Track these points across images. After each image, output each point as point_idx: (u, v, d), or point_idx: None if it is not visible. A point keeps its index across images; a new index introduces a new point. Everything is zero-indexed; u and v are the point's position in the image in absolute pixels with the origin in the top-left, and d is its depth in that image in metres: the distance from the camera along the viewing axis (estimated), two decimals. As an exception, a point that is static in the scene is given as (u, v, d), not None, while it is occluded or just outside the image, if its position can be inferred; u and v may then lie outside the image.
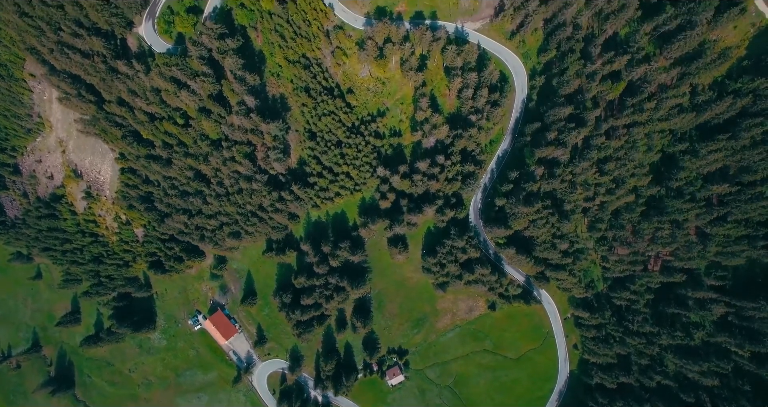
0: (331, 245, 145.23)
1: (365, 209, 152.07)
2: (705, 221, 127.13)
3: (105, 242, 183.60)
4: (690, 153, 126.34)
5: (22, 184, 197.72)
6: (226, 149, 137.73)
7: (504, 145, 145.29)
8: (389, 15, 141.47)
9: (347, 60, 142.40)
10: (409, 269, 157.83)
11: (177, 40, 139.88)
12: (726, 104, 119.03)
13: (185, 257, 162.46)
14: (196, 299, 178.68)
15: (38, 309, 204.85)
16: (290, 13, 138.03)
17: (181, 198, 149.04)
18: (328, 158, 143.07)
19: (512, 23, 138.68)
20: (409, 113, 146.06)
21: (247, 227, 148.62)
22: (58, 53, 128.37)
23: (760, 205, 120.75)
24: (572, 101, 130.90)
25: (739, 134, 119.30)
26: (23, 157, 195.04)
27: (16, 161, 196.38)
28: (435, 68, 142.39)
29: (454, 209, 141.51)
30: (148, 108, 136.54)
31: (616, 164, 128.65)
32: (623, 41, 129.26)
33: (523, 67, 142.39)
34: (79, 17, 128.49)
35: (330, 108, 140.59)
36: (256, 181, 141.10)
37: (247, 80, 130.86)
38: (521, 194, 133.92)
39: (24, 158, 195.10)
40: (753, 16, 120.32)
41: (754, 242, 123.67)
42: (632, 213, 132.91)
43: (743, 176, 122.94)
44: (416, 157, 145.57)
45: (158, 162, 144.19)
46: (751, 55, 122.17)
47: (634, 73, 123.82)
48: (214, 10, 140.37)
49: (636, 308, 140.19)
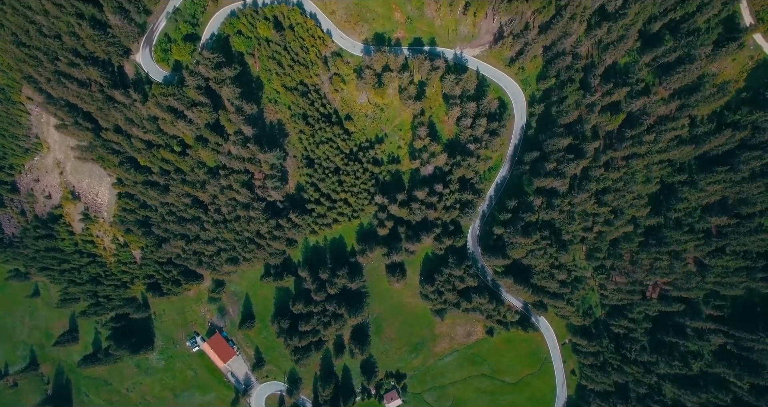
0: (328, 272, 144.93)
1: (363, 235, 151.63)
2: (703, 253, 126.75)
3: (103, 263, 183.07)
4: (689, 184, 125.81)
5: (20, 202, 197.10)
6: (224, 177, 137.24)
7: (503, 172, 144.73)
8: (388, 41, 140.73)
9: (345, 87, 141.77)
10: (407, 293, 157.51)
11: (174, 67, 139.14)
12: (725, 137, 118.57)
13: (183, 281, 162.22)
14: (194, 320, 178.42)
15: (36, 327, 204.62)
16: (288, 40, 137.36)
17: (178, 224, 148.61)
18: (326, 186, 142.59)
19: (511, 50, 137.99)
20: (408, 139, 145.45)
21: (245, 254, 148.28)
22: (55, 83, 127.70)
23: (758, 237, 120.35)
24: (571, 131, 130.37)
25: (738, 166, 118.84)
26: (21, 175, 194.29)
27: (13, 179, 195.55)
28: (434, 95, 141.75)
29: (452, 237, 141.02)
30: (145, 136, 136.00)
31: (615, 196, 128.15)
32: (623, 71, 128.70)
33: (522, 93, 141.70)
34: (75, 47, 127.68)
35: (328, 135, 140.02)
36: (254, 209, 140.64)
37: (245, 110, 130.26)
38: (519, 224, 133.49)
39: (22, 176, 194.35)
40: (751, 49, 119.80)
41: (752, 274, 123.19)
42: (631, 243, 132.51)
43: (742, 207, 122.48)
44: (414, 183, 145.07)
45: (155, 189, 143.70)
46: (750, 87, 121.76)
47: (633, 104, 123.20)
48: (212, 37, 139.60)
49: (634, 336, 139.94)
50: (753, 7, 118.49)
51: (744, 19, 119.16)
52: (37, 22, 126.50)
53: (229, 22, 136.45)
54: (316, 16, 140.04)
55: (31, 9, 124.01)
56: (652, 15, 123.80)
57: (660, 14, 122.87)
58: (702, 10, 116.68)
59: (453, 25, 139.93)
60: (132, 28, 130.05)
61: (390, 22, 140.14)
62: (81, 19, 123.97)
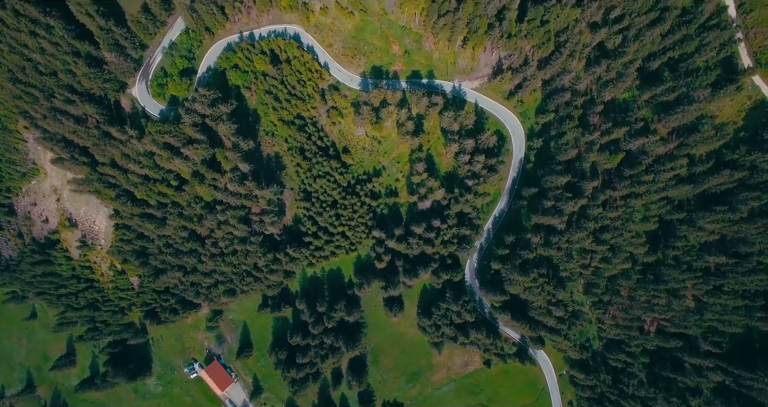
0: (326, 305, 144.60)
1: (361, 267, 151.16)
2: (702, 291, 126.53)
3: (100, 288, 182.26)
4: (687, 223, 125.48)
5: (17, 225, 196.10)
6: (220, 212, 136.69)
7: (501, 205, 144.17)
8: (385, 74, 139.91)
9: (342, 120, 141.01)
10: (405, 324, 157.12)
11: (170, 101, 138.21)
12: (724, 177, 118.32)
13: (180, 310, 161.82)
14: (192, 347, 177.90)
15: (33, 349, 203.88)
16: (285, 73, 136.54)
17: (175, 256, 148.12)
18: (324, 219, 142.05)
19: (510, 84, 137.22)
20: (406, 171, 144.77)
21: (243, 286, 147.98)
22: (51, 119, 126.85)
23: (757, 277, 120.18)
24: (570, 168, 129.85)
25: (737, 206, 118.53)
26: (18, 198, 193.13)
27: (10, 202, 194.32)
28: (432, 128, 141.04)
29: (450, 271, 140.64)
30: (141, 171, 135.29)
31: (613, 234, 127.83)
32: (622, 107, 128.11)
33: (521, 126, 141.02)
34: (71, 83, 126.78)
35: (325, 169, 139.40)
36: (251, 243, 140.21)
37: (241, 147, 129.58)
38: (517, 261, 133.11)
39: (19, 198, 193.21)
40: (749, 89, 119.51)
41: (751, 313, 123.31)
42: (629, 280, 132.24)
43: (740, 247, 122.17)
44: (412, 216, 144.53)
45: (152, 221, 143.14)
46: (748, 126, 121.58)
47: (632, 144, 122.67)
48: (208, 70, 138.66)
49: (632, 371, 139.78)
50: (751, 48, 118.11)
51: (742, 60, 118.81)
52: (34, 59, 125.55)
53: (225, 56, 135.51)
54: (313, 48, 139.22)
55: (27, 47, 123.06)
56: (651, 53, 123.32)
57: (659, 52, 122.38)
58: (701, 51, 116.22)
59: (451, 58, 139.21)
60: (128, 63, 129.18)
61: (388, 55, 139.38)
62: (77, 57, 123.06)
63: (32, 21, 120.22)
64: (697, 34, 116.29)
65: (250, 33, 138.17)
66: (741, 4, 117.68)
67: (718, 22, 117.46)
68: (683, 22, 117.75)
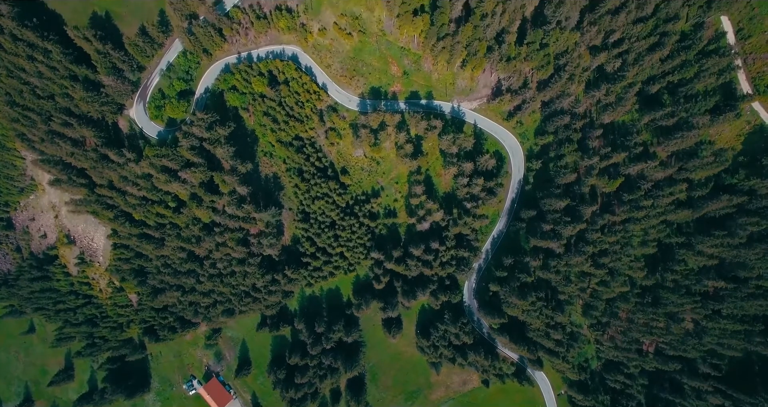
0: (324, 326, 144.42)
1: (359, 286, 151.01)
2: (700, 316, 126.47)
3: (99, 304, 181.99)
4: (686, 247, 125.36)
5: (15, 239, 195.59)
6: (218, 234, 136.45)
7: (500, 225, 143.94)
8: (384, 95, 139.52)
9: (341, 141, 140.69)
10: (404, 342, 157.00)
11: (168, 123, 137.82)
12: (722, 203, 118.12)
13: (179, 328, 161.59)
14: (191, 363, 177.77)
15: (31, 363, 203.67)
16: (283, 95, 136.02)
17: (174, 276, 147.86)
18: (322, 240, 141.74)
19: (510, 105, 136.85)
20: (404, 192, 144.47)
21: (241, 307, 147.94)
22: (49, 143, 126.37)
23: (756, 303, 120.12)
24: (569, 192, 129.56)
25: (736, 231, 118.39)
26: (16, 212, 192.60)
27: (9, 216, 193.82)
28: (431, 149, 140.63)
29: (449, 292, 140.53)
30: (139, 193, 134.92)
31: (612, 258, 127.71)
32: (621, 131, 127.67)
33: (520, 147, 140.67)
34: (69, 106, 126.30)
35: (323, 191, 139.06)
36: (249, 264, 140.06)
37: (239, 170, 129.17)
38: (515, 284, 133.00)
39: (17, 213, 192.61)
40: (748, 114, 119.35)
41: (750, 337, 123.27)
42: (627, 303, 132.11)
43: (739, 271, 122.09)
44: (411, 236, 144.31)
45: (151, 242, 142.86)
46: (747, 150, 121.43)
47: (631, 168, 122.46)
48: (206, 91, 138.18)
49: (630, 392, 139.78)
50: (749, 74, 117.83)
51: (741, 85, 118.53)
52: (31, 83, 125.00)
53: (223, 78, 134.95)
54: (311, 69, 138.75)
55: (25, 71, 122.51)
56: (651, 76, 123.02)
57: (659, 76, 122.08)
58: (700, 76, 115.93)
59: (450, 79, 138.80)
60: (126, 86, 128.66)
61: (386, 76, 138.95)
62: (74, 81, 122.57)
63: (30, 45, 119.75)
64: (696, 60, 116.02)
65: (248, 53, 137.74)
66: (739, 30, 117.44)
67: (716, 47, 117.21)
68: (682, 48, 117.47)
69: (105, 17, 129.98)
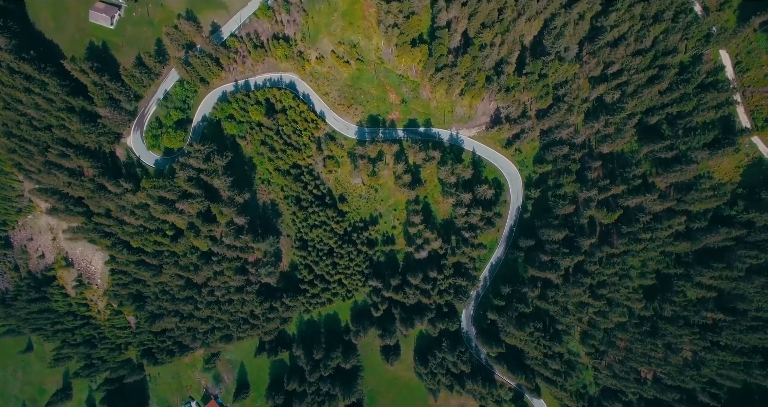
0: (322, 352, 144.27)
1: (358, 312, 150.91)
2: (699, 347, 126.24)
3: (97, 325, 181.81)
4: (685, 278, 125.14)
5: (13, 257, 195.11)
6: (216, 263, 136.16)
7: (498, 252, 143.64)
8: (382, 123, 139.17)
9: (339, 169, 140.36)
10: (402, 367, 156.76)
11: (166, 151, 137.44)
12: (721, 236, 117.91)
13: (177, 352, 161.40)
14: (189, 385, 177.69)
15: (29, 382, 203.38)
16: (280, 123, 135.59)
17: (171, 302, 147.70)
18: (320, 268, 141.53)
19: (508, 133, 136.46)
20: (403, 218, 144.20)
21: (239, 333, 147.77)
22: (45, 173, 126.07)
23: (755, 336, 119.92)
24: (567, 222, 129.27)
25: (735, 264, 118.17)
26: (14, 231, 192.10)
27: (7, 234, 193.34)
28: (429, 176, 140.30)
29: (447, 320, 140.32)
30: (137, 222, 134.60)
31: (610, 289, 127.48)
32: (620, 162, 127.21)
33: (519, 174, 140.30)
34: (66, 137, 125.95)
35: (321, 219, 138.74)
36: (248, 292, 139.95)
37: (236, 201, 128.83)
38: (513, 314, 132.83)
39: (15, 231, 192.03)
40: (746, 146, 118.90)
41: (750, 369, 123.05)
42: (625, 333, 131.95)
43: (738, 303, 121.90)
44: (409, 263, 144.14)
45: (149, 269, 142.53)
46: (746, 182, 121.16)
47: (630, 201, 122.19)
48: (203, 119, 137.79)
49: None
50: (747, 107, 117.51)
51: (740, 118, 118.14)
52: (28, 114, 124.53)
53: (220, 107, 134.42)
54: (309, 96, 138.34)
55: (21, 103, 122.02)
56: (650, 107, 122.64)
57: (658, 107, 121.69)
58: (699, 110, 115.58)
59: (449, 107, 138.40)
60: (123, 116, 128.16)
61: (385, 104, 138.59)
62: (71, 112, 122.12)
63: (27, 78, 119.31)
64: (695, 93, 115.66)
65: (246, 81, 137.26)
66: (738, 63, 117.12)
67: (715, 80, 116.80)
68: (681, 81, 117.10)
69: (102, 47, 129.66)
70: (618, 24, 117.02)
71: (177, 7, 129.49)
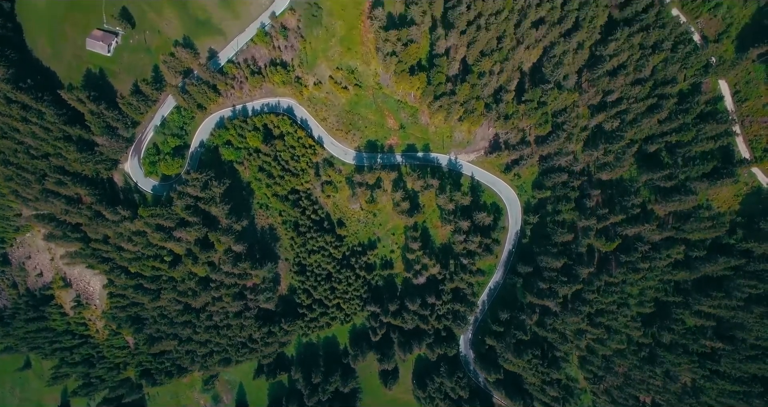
0: (321, 376, 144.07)
1: (356, 335, 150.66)
2: (698, 375, 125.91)
3: (95, 344, 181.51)
4: (683, 306, 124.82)
5: (11, 275, 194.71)
6: (214, 289, 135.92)
7: (497, 277, 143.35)
8: (380, 148, 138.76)
9: (337, 194, 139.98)
10: (400, 389, 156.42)
11: (163, 178, 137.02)
12: (719, 266, 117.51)
13: (176, 373, 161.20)
14: (188, 405, 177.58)
15: (26, 399, 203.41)
16: (278, 149, 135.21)
17: (170, 326, 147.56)
18: (319, 293, 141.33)
19: (507, 158, 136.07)
20: (401, 242, 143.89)
21: (238, 357, 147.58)
22: (43, 201, 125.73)
23: (755, 365, 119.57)
24: (566, 250, 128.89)
25: (733, 293, 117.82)
26: (12, 248, 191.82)
27: (5, 251, 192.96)
28: (428, 201, 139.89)
29: (445, 345, 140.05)
30: (135, 248, 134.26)
31: (608, 318, 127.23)
32: (619, 189, 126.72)
33: (518, 199, 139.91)
34: (63, 165, 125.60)
35: (320, 244, 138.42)
36: (246, 317, 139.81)
37: (234, 228, 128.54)
38: (511, 341, 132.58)
39: (13, 249, 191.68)
40: (745, 176, 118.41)
41: (749, 398, 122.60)
42: (624, 359, 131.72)
43: (737, 331, 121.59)
44: (407, 287, 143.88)
45: (147, 294, 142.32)
46: (744, 211, 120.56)
47: (629, 230, 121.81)
48: (200, 145, 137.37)
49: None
50: (746, 136, 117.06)
51: (739, 148, 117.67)
52: (25, 143, 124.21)
53: (218, 133, 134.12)
54: (306, 121, 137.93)
55: (19, 132, 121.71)
56: (649, 136, 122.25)
57: (657, 136, 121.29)
58: (698, 139, 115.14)
59: (448, 132, 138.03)
60: (120, 143, 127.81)
61: (383, 130, 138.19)
62: (68, 141, 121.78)
63: (24, 107, 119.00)
64: (695, 124, 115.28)
65: (243, 106, 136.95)
66: (736, 92, 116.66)
67: (714, 110, 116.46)
68: (680, 110, 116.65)
69: (99, 74, 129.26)
70: (617, 53, 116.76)
71: (174, 34, 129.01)
